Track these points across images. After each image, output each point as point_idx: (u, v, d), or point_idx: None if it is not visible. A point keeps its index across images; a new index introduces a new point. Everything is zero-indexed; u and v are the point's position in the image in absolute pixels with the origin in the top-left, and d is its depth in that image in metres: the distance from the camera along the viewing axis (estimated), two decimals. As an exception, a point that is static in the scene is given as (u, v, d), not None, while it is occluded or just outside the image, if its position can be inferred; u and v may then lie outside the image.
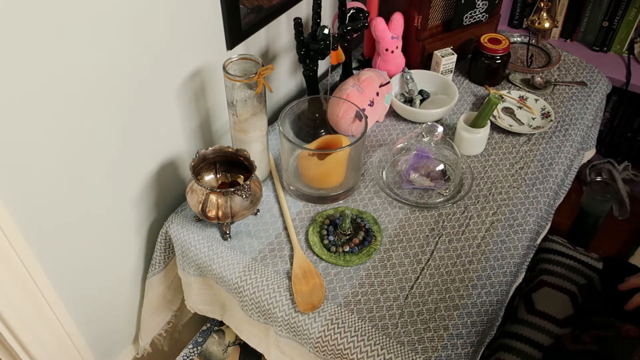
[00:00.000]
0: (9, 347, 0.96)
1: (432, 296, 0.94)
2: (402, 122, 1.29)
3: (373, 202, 1.10)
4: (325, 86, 1.39)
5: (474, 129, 1.17)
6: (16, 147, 0.78)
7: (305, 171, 1.08)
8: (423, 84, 1.34)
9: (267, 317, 0.96)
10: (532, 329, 1.10)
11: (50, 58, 0.76)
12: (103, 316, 1.13)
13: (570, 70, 1.46)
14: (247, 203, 0.97)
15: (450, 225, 1.05)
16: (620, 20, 1.70)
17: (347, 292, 0.94)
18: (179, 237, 1.05)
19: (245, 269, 0.98)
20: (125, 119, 0.94)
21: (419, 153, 1.09)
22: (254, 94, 0.97)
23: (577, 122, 1.30)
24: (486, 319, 0.91)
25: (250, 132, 1.03)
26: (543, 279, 1.18)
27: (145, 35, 0.90)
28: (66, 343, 1.04)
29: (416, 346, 0.87)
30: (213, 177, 1.06)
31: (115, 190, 1.00)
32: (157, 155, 1.05)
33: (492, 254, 1.00)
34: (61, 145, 0.85)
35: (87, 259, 1.01)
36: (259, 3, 1.11)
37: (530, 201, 1.10)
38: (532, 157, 1.20)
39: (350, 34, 1.18)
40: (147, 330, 1.22)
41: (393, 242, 1.02)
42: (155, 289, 1.16)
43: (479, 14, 1.35)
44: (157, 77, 0.96)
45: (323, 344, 0.90)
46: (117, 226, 1.04)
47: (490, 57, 1.34)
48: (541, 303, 1.14)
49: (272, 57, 1.25)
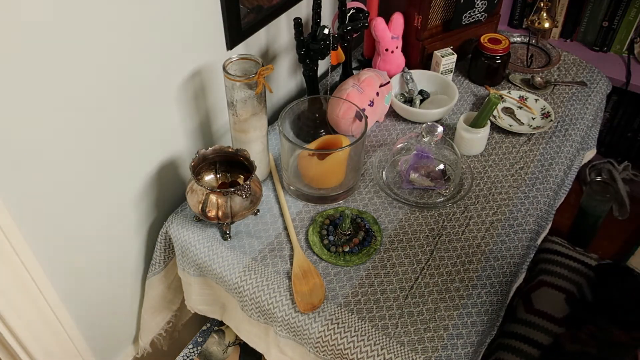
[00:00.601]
0: (9, 347, 0.96)
1: (432, 296, 0.94)
2: (402, 122, 1.29)
3: (373, 202, 1.10)
4: (325, 86, 1.39)
5: (474, 129, 1.17)
6: (16, 147, 0.78)
7: (305, 171, 1.08)
8: (423, 84, 1.34)
9: (267, 317, 0.96)
10: (531, 328, 1.10)
11: (50, 58, 0.76)
12: (103, 316, 1.13)
13: (570, 70, 1.46)
14: (247, 203, 0.97)
15: (450, 225, 1.05)
16: (620, 20, 1.70)
17: (347, 292, 0.94)
18: (179, 237, 1.05)
19: (245, 269, 0.98)
20: (125, 119, 0.94)
21: (419, 153, 1.09)
22: (254, 94, 0.97)
23: (577, 122, 1.30)
24: (486, 319, 0.91)
25: (250, 132, 1.03)
26: (542, 279, 1.18)
27: (145, 35, 0.90)
28: (66, 343, 1.04)
29: (416, 346, 0.87)
30: (213, 177, 1.06)
31: (116, 190, 1.00)
32: (157, 155, 1.05)
33: (492, 254, 1.00)
34: (61, 145, 0.85)
35: (87, 259, 1.01)
36: (259, 3, 1.11)
37: (530, 201, 1.10)
38: (532, 157, 1.20)
39: (350, 34, 1.18)
40: (147, 330, 1.22)
41: (393, 242, 1.02)
42: (155, 289, 1.16)
43: (478, 13, 1.35)
44: (157, 77, 0.96)
45: (323, 344, 0.90)
46: (117, 226, 1.04)
47: (490, 57, 1.34)
48: (540, 303, 1.14)
49: (272, 57, 1.25)
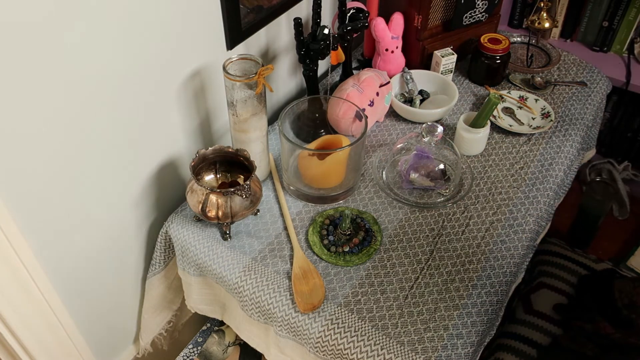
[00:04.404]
0: (9, 347, 0.96)
1: (432, 296, 0.94)
2: (402, 122, 1.29)
3: (373, 202, 1.10)
4: (325, 86, 1.39)
5: (474, 129, 1.17)
6: (16, 147, 0.78)
7: (305, 171, 1.08)
8: (423, 84, 1.34)
9: (267, 317, 0.96)
10: (530, 328, 1.10)
11: (50, 58, 0.76)
12: (103, 316, 1.13)
13: (570, 70, 1.46)
14: (247, 203, 0.97)
15: (450, 225, 1.05)
16: (620, 20, 1.70)
17: (347, 292, 0.94)
18: (179, 237, 1.05)
19: (245, 269, 0.98)
20: (125, 119, 0.94)
21: (419, 153, 1.09)
22: (254, 94, 0.97)
23: (577, 122, 1.30)
24: (486, 319, 0.91)
25: (250, 132, 1.03)
26: (542, 280, 1.18)
27: (145, 35, 0.90)
28: (66, 343, 1.04)
29: (416, 346, 0.87)
30: (213, 177, 1.06)
31: (116, 190, 1.00)
32: (157, 155, 1.05)
33: (492, 254, 1.00)
34: (61, 145, 0.85)
35: (87, 259, 1.01)
36: (259, 3, 1.11)
37: (530, 201, 1.10)
38: (532, 157, 1.20)
39: (350, 34, 1.18)
40: (148, 330, 1.22)
41: (393, 242, 1.02)
42: (155, 288, 1.16)
43: (478, 13, 1.35)
44: (157, 77, 0.96)
45: (323, 344, 0.90)
46: (117, 226, 1.04)
47: (490, 57, 1.34)
48: (539, 304, 1.14)
49: (272, 57, 1.25)
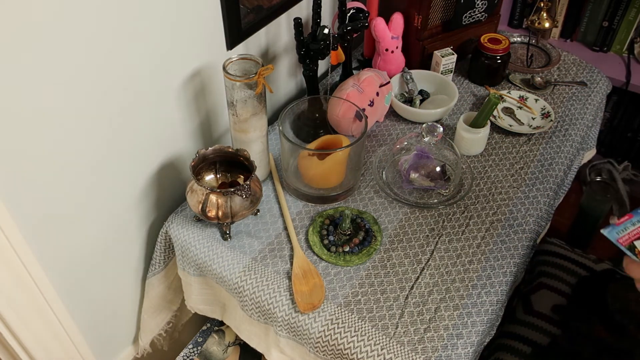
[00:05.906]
0: (8, 347, 0.96)
1: (432, 296, 0.94)
2: (402, 122, 1.29)
3: (373, 202, 1.10)
4: (325, 86, 1.39)
5: (474, 129, 1.17)
6: (16, 147, 0.78)
7: (305, 171, 1.08)
8: (423, 84, 1.34)
9: (267, 317, 0.96)
10: (530, 328, 1.10)
11: (50, 58, 0.76)
12: (103, 316, 1.13)
13: (570, 70, 1.46)
14: (247, 203, 0.97)
15: (450, 225, 1.05)
16: (620, 20, 1.70)
17: (347, 292, 0.94)
18: (179, 237, 1.05)
19: (245, 269, 0.98)
20: (125, 119, 0.94)
21: (419, 153, 1.09)
22: (254, 94, 0.97)
23: (577, 122, 1.30)
24: (486, 319, 0.91)
25: (250, 132, 1.03)
26: (542, 281, 1.18)
27: (145, 35, 0.90)
28: (66, 343, 1.04)
29: (416, 346, 0.87)
30: (213, 177, 1.06)
31: (116, 190, 1.00)
32: (157, 155, 1.05)
33: (492, 254, 1.00)
34: (61, 145, 0.85)
35: (87, 259, 1.01)
36: (259, 3, 1.11)
37: (530, 201, 1.10)
38: (532, 157, 1.20)
39: (350, 34, 1.18)
40: (147, 330, 1.22)
41: (393, 242, 1.02)
42: (155, 288, 1.16)
43: (478, 13, 1.35)
44: (157, 77, 0.96)
45: (323, 343, 0.90)
46: (117, 226, 1.04)
47: (490, 57, 1.34)
48: (539, 304, 1.14)
49: (272, 57, 1.25)
